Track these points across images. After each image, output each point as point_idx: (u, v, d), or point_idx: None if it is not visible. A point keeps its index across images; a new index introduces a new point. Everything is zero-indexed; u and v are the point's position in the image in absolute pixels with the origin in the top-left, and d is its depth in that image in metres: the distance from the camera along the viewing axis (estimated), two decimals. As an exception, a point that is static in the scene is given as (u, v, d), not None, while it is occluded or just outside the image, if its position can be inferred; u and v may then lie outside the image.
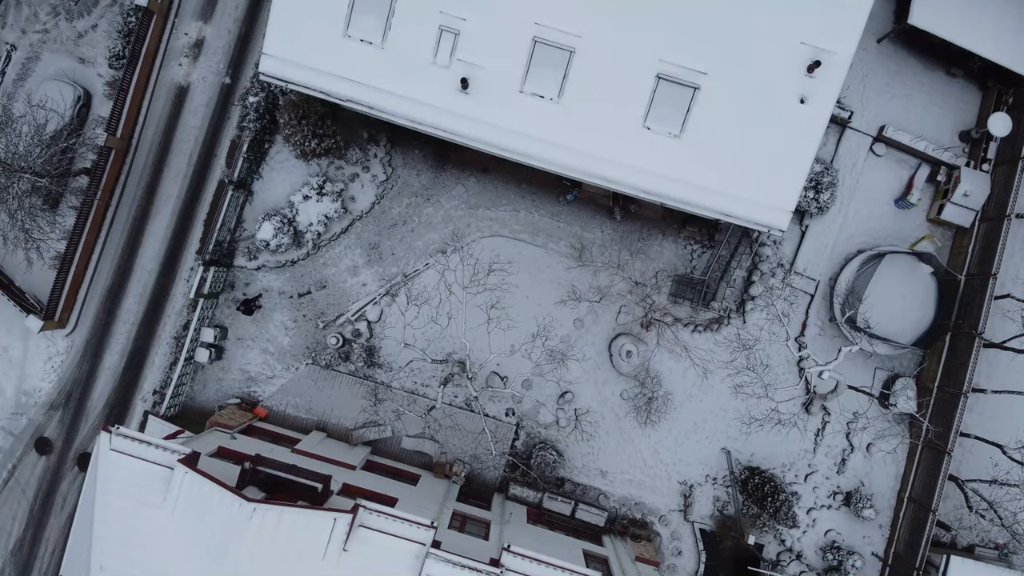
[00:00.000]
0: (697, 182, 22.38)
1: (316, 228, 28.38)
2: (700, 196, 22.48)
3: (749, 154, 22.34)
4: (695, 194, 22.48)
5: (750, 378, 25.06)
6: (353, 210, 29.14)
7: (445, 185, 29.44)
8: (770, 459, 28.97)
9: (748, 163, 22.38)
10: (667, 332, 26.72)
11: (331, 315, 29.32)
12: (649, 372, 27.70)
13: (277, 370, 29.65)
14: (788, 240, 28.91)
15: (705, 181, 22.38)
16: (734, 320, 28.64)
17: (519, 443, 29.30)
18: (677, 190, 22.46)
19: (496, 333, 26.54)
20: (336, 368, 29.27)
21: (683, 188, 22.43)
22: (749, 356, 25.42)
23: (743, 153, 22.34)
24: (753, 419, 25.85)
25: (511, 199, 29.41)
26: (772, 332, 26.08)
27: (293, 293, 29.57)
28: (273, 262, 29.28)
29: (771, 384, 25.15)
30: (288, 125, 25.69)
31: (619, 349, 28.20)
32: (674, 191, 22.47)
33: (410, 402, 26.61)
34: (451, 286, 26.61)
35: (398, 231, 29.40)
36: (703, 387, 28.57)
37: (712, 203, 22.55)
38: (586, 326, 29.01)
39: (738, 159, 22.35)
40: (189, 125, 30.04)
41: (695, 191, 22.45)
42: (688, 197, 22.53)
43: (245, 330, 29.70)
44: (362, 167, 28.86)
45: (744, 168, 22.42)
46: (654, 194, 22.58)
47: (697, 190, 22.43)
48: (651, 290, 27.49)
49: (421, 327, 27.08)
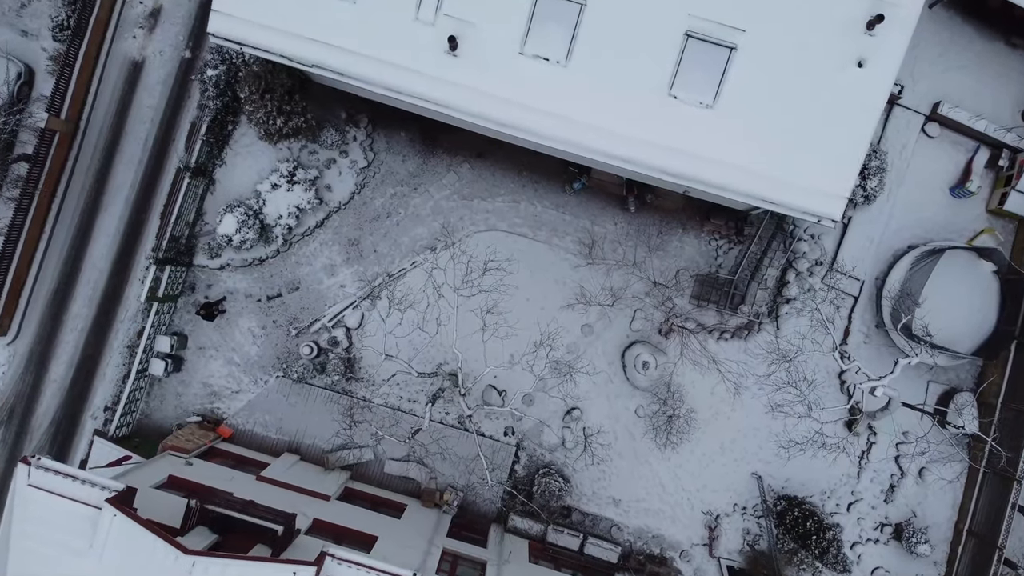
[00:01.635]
0: (733, 162, 18.27)
1: (286, 221, 24.30)
2: (736, 179, 18.37)
3: (796, 129, 18.23)
4: (730, 177, 18.36)
5: (792, 396, 21.03)
6: (329, 201, 25.05)
7: (435, 172, 25.36)
8: (807, 485, 24.85)
9: (794, 140, 18.27)
10: (692, 341, 22.64)
11: (305, 321, 25.25)
12: (670, 386, 23.60)
13: (243, 383, 25.57)
14: (828, 234, 24.80)
15: (743, 161, 18.28)
16: (766, 326, 24.54)
17: (520, 467, 25.19)
18: (709, 172, 18.34)
19: (493, 342, 22.48)
20: (310, 381, 25.17)
21: (716, 170, 18.32)
22: (790, 369, 21.37)
23: (788, 128, 18.23)
24: (792, 442, 21.79)
25: (510, 188, 25.33)
26: (815, 341, 22.01)
27: (262, 296, 25.49)
28: (238, 260, 25.20)
29: (815, 402, 21.08)
30: (249, 100, 21.59)
31: (634, 359, 24.10)
32: (705, 173, 18.35)
33: (392, 422, 22.54)
34: (440, 288, 22.56)
35: (381, 225, 25.32)
36: (731, 403, 24.46)
37: (751, 188, 18.43)
38: (596, 333, 24.91)
39: (782, 135, 18.25)
40: (144, 105, 25.94)
41: (730, 173, 18.33)
42: (722, 180, 18.41)
43: (207, 338, 25.62)
44: (339, 152, 24.78)
45: (789, 146, 18.31)
46: (681, 177, 18.46)
47: (733, 172, 18.32)
48: (672, 292, 23.37)
49: (405, 335, 22.99)
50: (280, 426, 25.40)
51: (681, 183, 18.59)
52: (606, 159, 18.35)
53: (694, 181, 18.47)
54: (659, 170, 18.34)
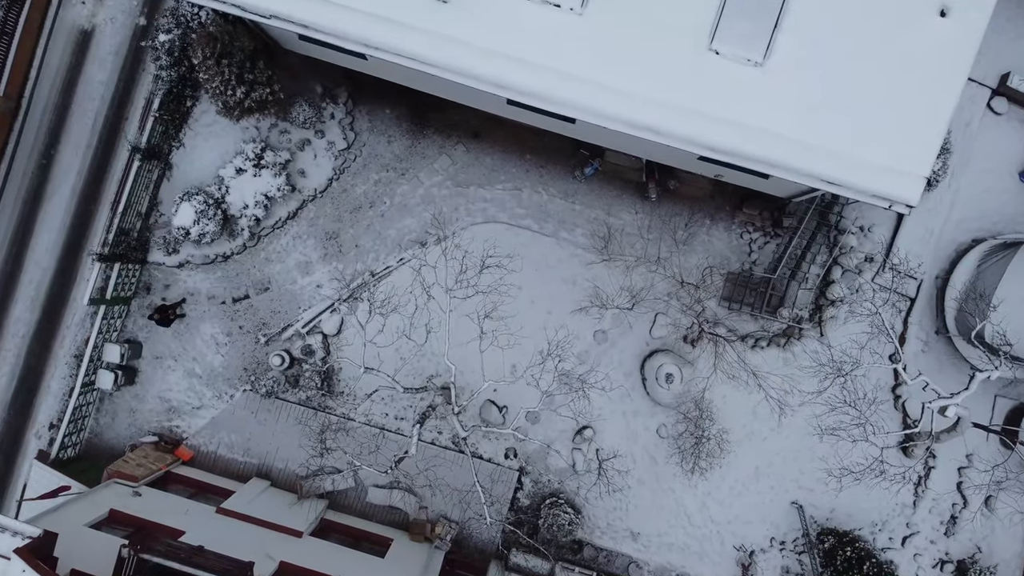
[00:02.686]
0: (786, 134, 14.62)
1: (253, 212, 20.67)
2: (789, 155, 14.71)
3: (863, 92, 14.58)
4: (782, 152, 14.70)
5: (850, 418, 17.45)
6: (303, 188, 21.43)
7: (425, 155, 21.73)
8: (856, 517, 21.18)
9: (862, 106, 14.62)
10: (728, 350, 19.00)
11: (275, 326, 21.62)
12: (698, 403, 19.96)
13: (206, 398, 21.95)
14: (880, 225, 21.15)
15: (798, 132, 14.62)
16: (807, 332, 20.90)
17: (523, 494, 21.56)
18: (756, 146, 14.68)
19: (492, 351, 18.85)
20: (282, 396, 21.56)
21: (765, 143, 14.66)
22: (845, 386, 17.77)
23: (855, 91, 14.58)
24: (846, 471, 18.21)
25: (511, 173, 21.70)
26: (873, 351, 18.42)
27: (226, 297, 21.86)
28: (199, 257, 21.57)
29: (875, 423, 17.46)
30: (204, 67, 17.96)
31: (655, 371, 20.45)
32: (751, 147, 14.69)
33: (373, 447, 18.91)
34: (430, 288, 18.95)
35: (363, 216, 21.70)
36: (768, 421, 20.83)
37: (807, 165, 14.77)
38: (611, 340, 21.26)
39: (847, 100, 14.60)
40: (94, 80, 22.29)
41: (782, 147, 14.67)
42: (772, 156, 14.75)
43: (165, 346, 21.99)
44: (315, 132, 21.15)
45: (856, 113, 14.66)
46: (721, 153, 14.80)
47: (785, 146, 14.66)
48: (703, 293, 19.72)
49: (389, 343, 19.33)
50: (248, 447, 21.78)
51: (721, 158, 14.93)
52: (629, 129, 14.69)
53: (737, 157, 14.82)
54: (694, 143, 14.69)
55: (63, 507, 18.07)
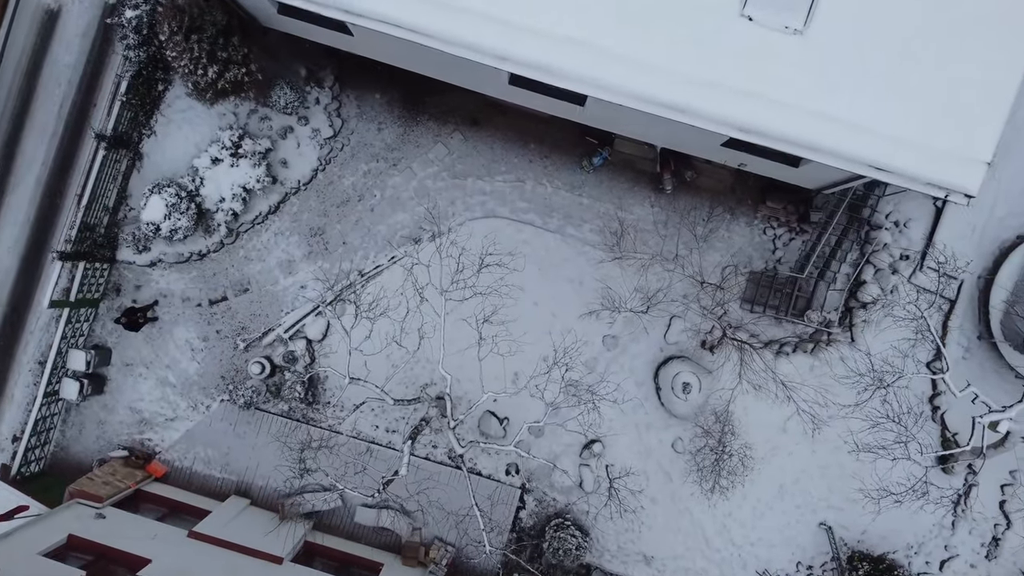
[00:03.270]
0: (829, 111, 12.64)
1: (230, 206, 18.72)
2: (832, 136, 12.72)
3: (916, 65, 12.64)
4: (823, 133, 12.73)
5: (893, 435, 15.49)
6: (286, 180, 19.48)
7: (418, 144, 19.78)
8: (890, 539, 19.18)
9: (914, 80, 12.67)
10: (755, 358, 17.04)
11: (255, 331, 19.66)
12: (719, 416, 18.00)
13: (180, 409, 20.00)
14: (917, 220, 19.17)
15: (842, 110, 12.66)
16: (836, 337, 18.93)
17: (526, 513, 19.61)
18: (794, 126, 12.71)
19: (492, 359, 16.92)
20: (263, 407, 19.61)
21: (804, 123, 12.68)
22: (887, 398, 15.81)
23: (905, 63, 12.64)
24: (885, 492, 16.26)
25: (513, 164, 19.75)
26: (916, 359, 16.44)
27: (202, 299, 19.91)
28: (172, 255, 19.62)
29: (920, 441, 15.49)
30: (172, 43, 16.03)
31: (671, 380, 18.49)
32: (789, 127, 12.72)
33: (360, 467, 16.95)
34: (423, 289, 17.01)
35: (351, 210, 19.75)
36: (793, 434, 18.87)
37: (852, 148, 12.81)
38: (621, 346, 19.30)
39: (897, 73, 12.65)
40: (61, 63, 20.32)
41: (824, 128, 12.69)
42: (812, 138, 12.77)
43: (136, 352, 20.04)
44: (298, 118, 19.20)
45: (907, 89, 12.71)
46: (753, 133, 12.85)
47: (827, 126, 12.70)
48: (728, 295, 17.77)
49: (378, 350, 17.36)
50: (226, 463, 19.81)
51: (754, 141, 12.95)
52: (648, 107, 12.72)
53: (772, 140, 12.85)
54: (724, 123, 12.70)
55: (15, 533, 16.09)
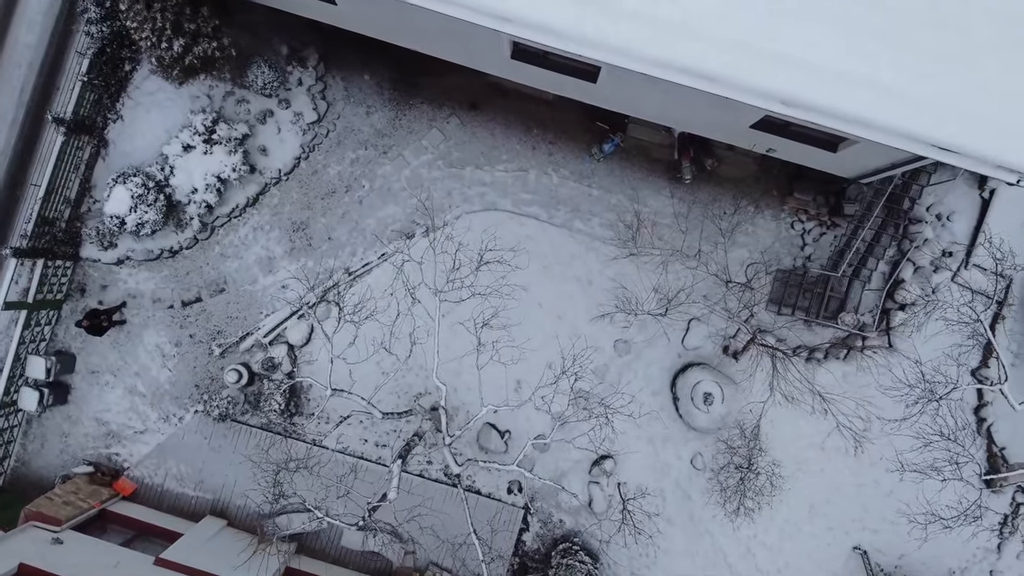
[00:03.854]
0: (884, 80, 10.77)
1: (203, 197, 16.85)
2: (889, 110, 10.84)
3: (984, 25, 10.80)
4: (879, 106, 10.85)
5: (949, 453, 13.59)
6: (265, 169, 17.60)
7: (412, 129, 17.89)
8: (930, 564, 17.26)
9: (979, 40, 10.81)
10: (790, 367, 15.13)
11: (232, 335, 17.77)
12: (746, 431, 16.09)
13: (151, 421, 18.11)
14: (961, 214, 17.28)
15: (899, 78, 10.79)
16: (872, 342, 17.03)
17: (530, 535, 17.72)
18: (847, 96, 10.82)
19: (492, 367, 15.03)
20: (240, 419, 17.74)
21: (859, 93, 10.80)
22: (939, 412, 13.91)
23: (971, 22, 10.79)
24: (934, 517, 14.37)
25: (515, 152, 17.87)
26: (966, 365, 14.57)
27: (174, 301, 18.02)
28: (141, 252, 17.74)
29: (979, 462, 13.60)
30: (132, 12, 14.15)
31: (691, 389, 16.59)
32: (840, 98, 10.84)
33: (343, 489, 15.02)
34: (415, 289, 15.14)
35: (337, 203, 17.87)
36: (827, 449, 16.98)
37: (913, 124, 10.92)
38: (634, 351, 17.41)
39: (964, 35, 10.79)
40: (21, 43, 18.39)
41: (879, 99, 10.82)
42: (865, 112, 10.89)
43: (102, 359, 18.15)
44: (279, 101, 17.33)
45: (976, 53, 10.85)
46: (798, 106, 10.97)
47: (883, 98, 10.82)
48: (758, 296, 15.88)
49: (363, 358, 15.45)
50: (200, 479, 17.93)
51: (796, 116, 11.06)
52: (670, 76, 10.83)
53: (819, 114, 10.94)
54: (762, 94, 10.83)
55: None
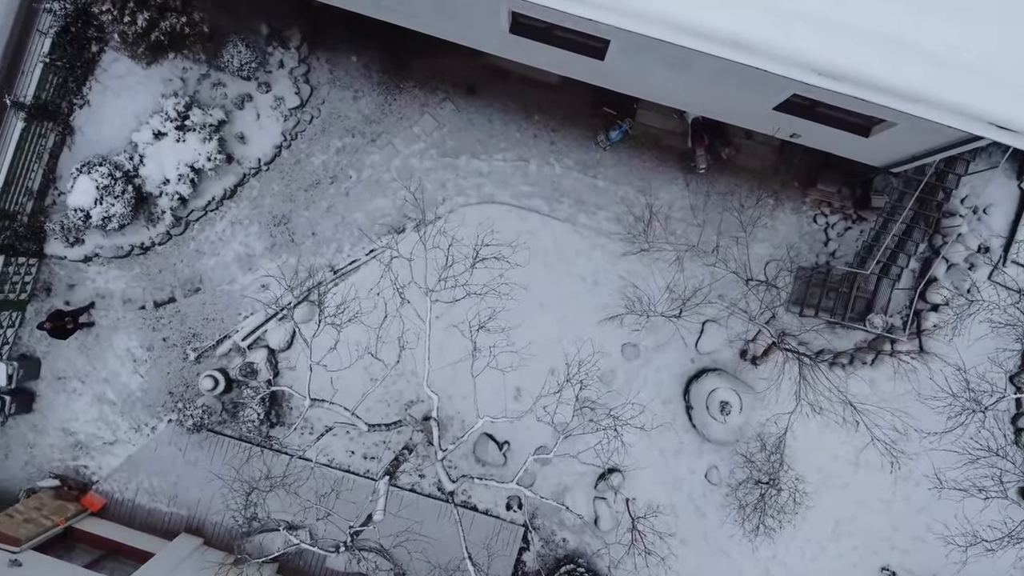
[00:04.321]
0: (935, 47, 9.38)
1: (176, 189, 15.44)
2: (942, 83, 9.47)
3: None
4: (930, 78, 9.46)
5: (995, 470, 12.20)
6: (243, 158, 16.18)
7: (402, 116, 16.46)
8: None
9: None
10: (817, 374, 13.72)
11: (208, 339, 16.35)
12: (769, 444, 14.67)
13: (121, 431, 16.69)
14: (998, 206, 15.85)
15: (954, 45, 9.39)
16: (903, 346, 15.62)
17: (530, 555, 16.30)
18: (893, 67, 9.43)
19: (489, 373, 13.62)
20: (217, 429, 16.33)
21: (903, 64, 9.41)
22: (984, 424, 12.52)
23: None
24: (976, 539, 12.98)
25: (514, 140, 16.45)
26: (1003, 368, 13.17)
27: (146, 301, 16.60)
28: (110, 249, 16.33)
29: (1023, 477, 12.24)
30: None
31: (706, 398, 15.18)
32: (885, 68, 9.44)
33: (324, 512, 13.61)
34: (404, 288, 13.75)
35: (322, 195, 16.45)
36: (849, 462, 15.56)
37: (971, 99, 9.54)
38: (643, 356, 16.01)
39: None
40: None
41: (931, 71, 9.42)
42: (915, 85, 9.50)
43: (69, 364, 16.72)
44: (258, 84, 15.91)
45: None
46: (837, 77, 9.54)
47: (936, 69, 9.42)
48: (783, 295, 14.47)
49: (346, 365, 14.01)
50: (174, 494, 16.50)
51: (837, 89, 9.63)
52: (682, 39, 9.41)
53: (862, 88, 9.53)
54: (795, 64, 9.41)
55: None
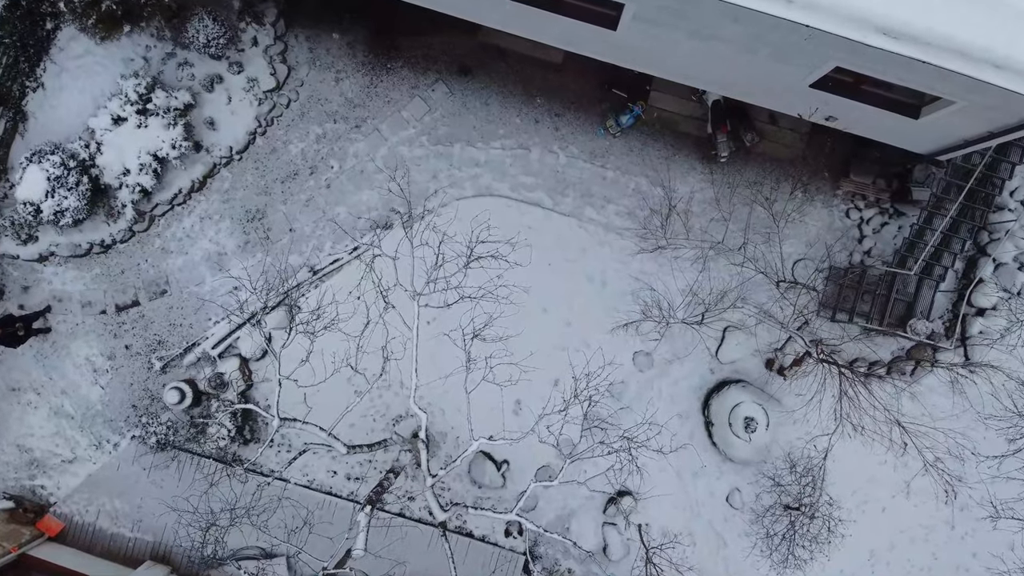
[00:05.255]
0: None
1: (137, 180, 13.74)
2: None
3: None
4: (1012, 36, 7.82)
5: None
6: (213, 146, 14.48)
7: (390, 99, 14.75)
8: (1016, 622, 14.24)
9: None
10: (860, 390, 12.00)
11: (175, 346, 14.66)
12: (798, 464, 12.97)
13: (80, 448, 14.99)
14: (1054, 198, 14.20)
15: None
16: (946, 353, 13.92)
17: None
18: (965, 23, 7.80)
19: (485, 388, 11.93)
20: (184, 446, 14.65)
21: (981, 18, 7.78)
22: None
23: None
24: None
25: (514, 125, 14.75)
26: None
27: (107, 305, 14.89)
28: (67, 247, 14.63)
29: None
30: (30, -56, 11.17)
31: (728, 413, 13.48)
32: (958, 27, 7.80)
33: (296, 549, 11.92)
34: (389, 292, 12.07)
35: (301, 187, 14.75)
36: (887, 484, 13.88)
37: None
38: (657, 365, 14.31)
39: None
40: (-69, 1, 15.55)
41: (1012, 27, 7.79)
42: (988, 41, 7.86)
43: (24, 374, 14.99)
44: (229, 64, 14.21)
45: None
46: (904, 37, 7.86)
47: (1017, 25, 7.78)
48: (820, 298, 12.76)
49: (319, 380, 12.28)
50: (139, 518, 14.78)
51: (898, 50, 7.96)
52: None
53: (929, 48, 7.86)
54: (851, 19, 7.73)
55: None
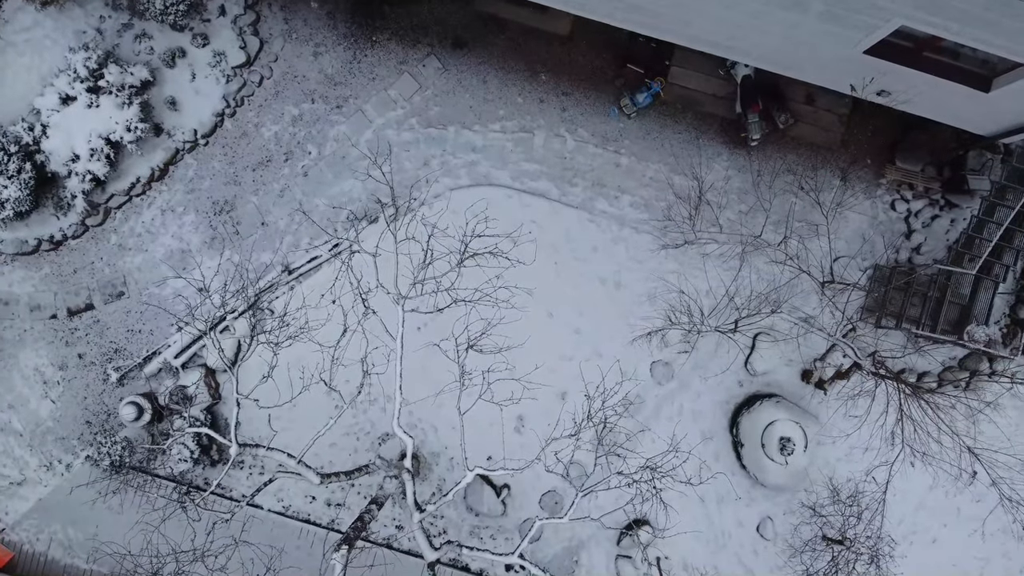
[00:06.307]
0: None
1: (88, 167, 11.97)
2: None
3: None
4: None
5: None
6: (176, 129, 12.70)
7: (375, 76, 12.96)
8: (1084, 667, 12.52)
9: None
10: (927, 412, 10.19)
11: (133, 355, 12.92)
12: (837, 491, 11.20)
13: (29, 469, 13.21)
14: None
15: None
16: (1004, 363, 12.17)
17: (535, 625, 12.91)
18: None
19: (482, 407, 10.19)
20: (143, 468, 12.90)
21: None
22: None
23: None
24: None
25: (516, 105, 12.96)
26: None
27: (58, 308, 13.13)
28: (12, 243, 12.87)
29: None
30: None
31: (762, 433, 11.73)
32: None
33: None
34: (369, 294, 10.31)
35: (274, 176, 12.97)
36: (938, 513, 12.17)
37: None
38: (678, 378, 12.58)
39: None
40: None
41: None
42: None
43: (-35, 386, 13.38)
44: (193, 36, 12.44)
45: None
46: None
47: None
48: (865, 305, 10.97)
49: (286, 400, 10.45)
50: (94, 547, 13.02)
51: None
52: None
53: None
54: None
55: None
